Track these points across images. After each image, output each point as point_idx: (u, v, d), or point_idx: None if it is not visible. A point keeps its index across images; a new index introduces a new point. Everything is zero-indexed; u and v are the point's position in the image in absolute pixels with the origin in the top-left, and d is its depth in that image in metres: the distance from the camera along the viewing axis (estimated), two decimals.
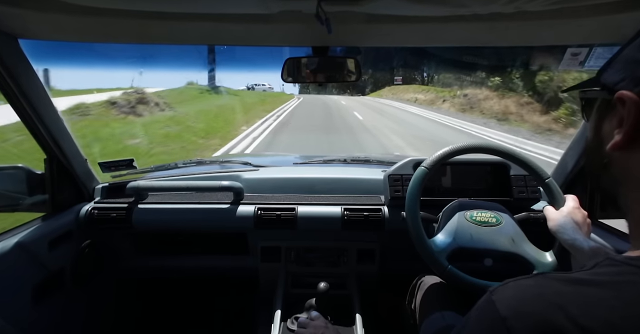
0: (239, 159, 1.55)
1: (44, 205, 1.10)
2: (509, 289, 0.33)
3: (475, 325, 0.34)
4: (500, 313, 0.30)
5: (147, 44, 0.94)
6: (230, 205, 1.18)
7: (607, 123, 0.36)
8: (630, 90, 0.31)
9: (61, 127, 1.05)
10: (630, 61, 0.33)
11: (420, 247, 0.87)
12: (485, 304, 0.33)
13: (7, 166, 1.08)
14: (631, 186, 0.34)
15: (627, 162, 0.34)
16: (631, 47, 0.34)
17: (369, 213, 1.14)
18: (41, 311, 0.99)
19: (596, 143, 0.38)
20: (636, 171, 0.33)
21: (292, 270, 1.21)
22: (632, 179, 0.34)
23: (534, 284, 0.32)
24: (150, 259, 1.29)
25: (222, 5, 0.70)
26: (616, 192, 0.37)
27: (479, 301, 0.35)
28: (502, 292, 0.33)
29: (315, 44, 0.93)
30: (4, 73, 0.87)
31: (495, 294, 0.33)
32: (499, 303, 0.31)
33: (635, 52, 0.33)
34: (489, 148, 0.95)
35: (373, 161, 1.50)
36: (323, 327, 0.80)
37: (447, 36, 0.89)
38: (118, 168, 1.27)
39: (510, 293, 0.32)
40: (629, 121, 0.31)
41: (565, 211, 0.80)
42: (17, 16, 0.75)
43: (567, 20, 0.73)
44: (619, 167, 0.35)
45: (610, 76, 0.35)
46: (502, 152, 0.95)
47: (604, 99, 0.37)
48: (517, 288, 0.32)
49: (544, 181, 0.91)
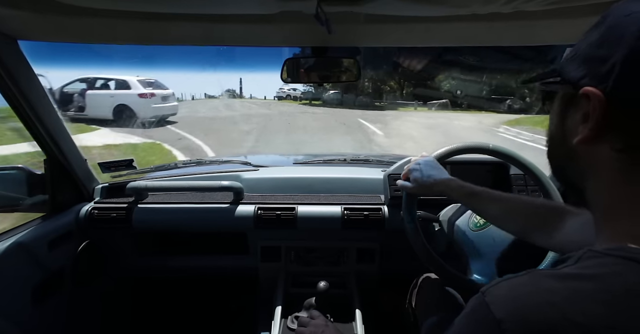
0: (239, 159, 1.55)
1: (44, 205, 1.10)
2: (502, 289, 0.32)
3: (469, 328, 0.33)
4: (495, 315, 0.30)
5: (147, 45, 0.94)
6: (230, 205, 1.18)
7: (571, 117, 0.37)
8: (595, 86, 0.32)
9: (61, 127, 1.05)
10: (590, 58, 0.34)
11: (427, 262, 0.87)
12: (478, 307, 0.32)
13: (7, 166, 1.09)
14: (595, 178, 0.36)
15: (591, 154, 0.35)
16: (589, 44, 0.34)
17: (369, 213, 1.15)
18: (41, 311, 0.99)
19: (560, 136, 0.39)
20: (600, 164, 0.34)
21: (292, 270, 1.22)
22: (596, 171, 0.35)
23: (526, 283, 0.31)
24: (150, 259, 1.29)
25: (222, 6, 0.70)
26: (582, 184, 0.38)
27: (470, 302, 0.34)
28: (495, 293, 0.32)
29: (315, 44, 0.93)
30: (3, 74, 0.87)
31: (488, 296, 0.32)
32: (493, 305, 0.31)
33: (594, 48, 0.33)
34: (490, 150, 0.96)
35: (373, 161, 1.50)
36: (323, 325, 0.80)
37: (446, 36, 0.89)
38: (118, 168, 1.27)
39: (504, 293, 0.31)
40: (596, 117, 0.32)
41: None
42: (17, 17, 0.75)
43: (565, 19, 0.73)
44: (583, 159, 0.36)
45: (572, 71, 0.35)
46: (503, 154, 0.96)
47: (566, 93, 0.38)
48: (510, 287, 0.32)
49: (541, 182, 0.92)
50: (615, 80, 0.31)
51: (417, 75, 14.52)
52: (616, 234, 0.33)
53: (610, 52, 0.31)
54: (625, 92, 0.31)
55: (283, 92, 19.56)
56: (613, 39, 0.32)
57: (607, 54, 0.32)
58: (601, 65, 0.32)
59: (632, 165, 0.32)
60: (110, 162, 1.26)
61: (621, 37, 0.31)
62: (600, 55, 0.32)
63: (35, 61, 0.94)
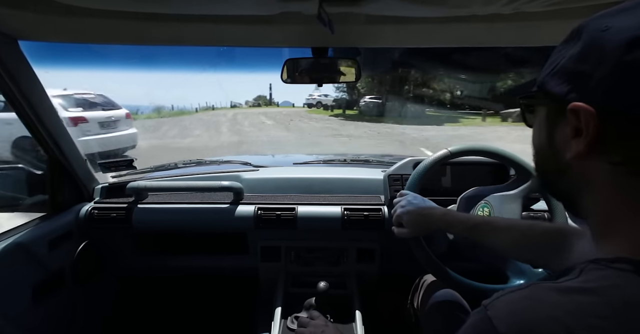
0: (239, 159, 1.55)
1: (44, 205, 1.10)
2: (505, 303, 0.32)
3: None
4: (497, 330, 0.29)
5: (147, 45, 0.94)
6: (230, 205, 1.18)
7: (560, 131, 0.37)
8: (583, 102, 0.32)
9: (61, 127, 1.06)
10: (573, 73, 0.34)
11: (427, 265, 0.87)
12: (480, 322, 0.32)
13: (7, 166, 1.09)
14: (590, 191, 0.36)
15: (586, 168, 0.35)
16: (569, 59, 0.35)
17: (369, 213, 1.15)
18: (41, 311, 0.99)
19: (549, 150, 0.39)
20: (595, 177, 0.35)
21: (292, 270, 1.22)
22: (591, 185, 0.35)
23: (528, 296, 0.31)
24: (150, 259, 1.29)
25: (222, 6, 0.70)
26: (576, 197, 0.38)
27: (472, 316, 0.34)
28: (498, 306, 0.32)
29: (315, 44, 0.93)
30: (4, 74, 0.87)
31: (491, 310, 0.32)
32: (497, 320, 0.30)
33: (576, 63, 0.34)
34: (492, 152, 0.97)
35: (373, 161, 1.50)
36: (323, 326, 0.81)
37: (446, 37, 0.90)
38: (118, 168, 1.28)
39: (507, 307, 0.31)
40: (590, 132, 0.32)
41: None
42: (17, 18, 0.75)
43: (566, 21, 0.73)
44: (578, 174, 0.36)
45: (556, 86, 0.36)
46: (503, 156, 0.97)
47: (551, 108, 0.38)
48: (512, 301, 0.32)
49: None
50: (605, 94, 0.31)
51: (483, 75, 11.21)
52: (615, 245, 0.33)
53: (595, 67, 0.32)
54: (616, 105, 0.31)
55: (313, 99, 16.71)
56: (596, 53, 0.32)
57: (591, 68, 0.32)
58: (587, 80, 0.32)
59: (630, 176, 0.32)
60: (110, 162, 1.26)
61: (603, 52, 0.31)
62: (584, 70, 0.33)
63: (36, 61, 0.94)
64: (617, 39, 0.30)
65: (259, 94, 15.65)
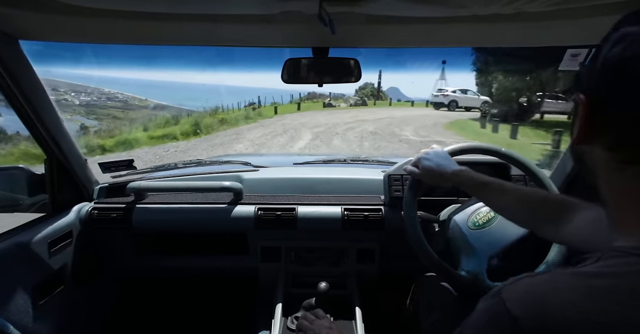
0: (239, 159, 1.55)
1: (44, 205, 1.10)
2: (519, 287, 0.32)
3: (482, 326, 0.32)
4: (511, 313, 0.29)
5: (147, 45, 0.94)
6: (230, 205, 1.18)
7: (577, 122, 0.40)
8: (585, 94, 0.36)
9: (61, 127, 1.05)
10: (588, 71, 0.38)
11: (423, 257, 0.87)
12: (493, 305, 0.32)
13: (7, 166, 1.09)
14: (600, 177, 0.38)
15: (591, 154, 0.38)
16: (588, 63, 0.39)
17: (369, 213, 1.15)
18: (42, 311, 0.99)
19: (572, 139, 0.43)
20: (599, 163, 0.37)
21: (292, 270, 1.22)
22: (600, 170, 0.37)
23: (545, 281, 0.31)
24: (150, 259, 1.29)
25: (222, 5, 0.70)
26: (594, 182, 0.40)
27: (484, 300, 0.34)
28: (513, 290, 0.31)
29: (316, 44, 0.93)
30: (4, 74, 0.87)
31: (505, 293, 0.31)
32: (510, 302, 0.30)
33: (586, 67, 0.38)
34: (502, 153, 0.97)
35: (373, 161, 1.50)
36: (327, 328, 0.80)
37: (447, 37, 0.90)
38: (118, 168, 1.27)
39: (521, 291, 0.31)
40: (581, 119, 0.36)
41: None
42: (18, 17, 0.75)
43: (566, 21, 0.73)
44: (588, 160, 0.39)
45: (584, 83, 0.39)
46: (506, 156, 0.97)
47: (575, 100, 0.42)
48: (528, 285, 0.31)
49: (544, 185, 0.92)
50: (597, 87, 0.35)
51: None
52: (630, 231, 0.33)
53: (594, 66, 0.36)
54: (605, 97, 0.34)
55: (444, 96, 12.76)
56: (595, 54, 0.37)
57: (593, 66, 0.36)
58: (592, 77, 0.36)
59: (624, 163, 0.34)
60: (110, 162, 1.26)
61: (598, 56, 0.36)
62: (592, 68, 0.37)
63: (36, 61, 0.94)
64: (607, 47, 0.34)
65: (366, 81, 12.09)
